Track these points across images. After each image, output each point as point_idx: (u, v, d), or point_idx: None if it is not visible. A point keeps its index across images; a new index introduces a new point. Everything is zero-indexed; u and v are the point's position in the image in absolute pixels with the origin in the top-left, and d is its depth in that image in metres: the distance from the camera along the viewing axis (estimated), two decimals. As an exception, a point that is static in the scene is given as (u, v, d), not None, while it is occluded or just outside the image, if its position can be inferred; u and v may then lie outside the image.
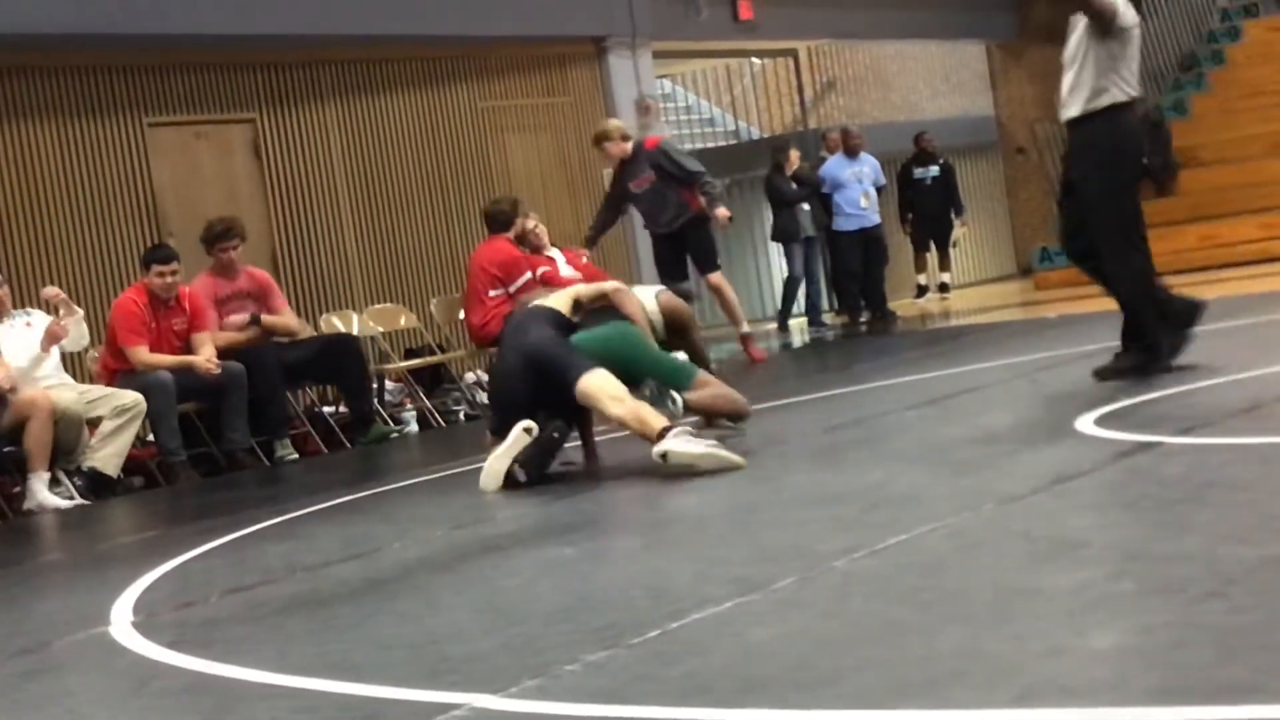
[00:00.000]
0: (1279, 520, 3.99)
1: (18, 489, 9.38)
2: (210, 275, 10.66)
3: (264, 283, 10.89)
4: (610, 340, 7.11)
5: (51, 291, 10.06)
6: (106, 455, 9.41)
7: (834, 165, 16.78)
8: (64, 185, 11.70)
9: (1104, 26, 7.24)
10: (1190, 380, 6.91)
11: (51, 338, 9.72)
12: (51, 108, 11.69)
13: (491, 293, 11.74)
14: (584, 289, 7.58)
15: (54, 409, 9.23)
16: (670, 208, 12.31)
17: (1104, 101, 7.38)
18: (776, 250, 17.83)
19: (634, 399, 6.71)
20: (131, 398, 9.58)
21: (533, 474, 6.92)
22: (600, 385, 6.69)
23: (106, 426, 9.46)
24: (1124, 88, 7.40)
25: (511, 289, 11.76)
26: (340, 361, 10.79)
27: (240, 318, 10.63)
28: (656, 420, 6.49)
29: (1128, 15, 7.44)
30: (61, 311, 9.89)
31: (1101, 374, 7.42)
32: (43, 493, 9.11)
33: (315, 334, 11.52)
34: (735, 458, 6.31)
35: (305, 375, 10.98)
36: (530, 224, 12.51)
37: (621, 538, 5.46)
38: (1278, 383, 6.46)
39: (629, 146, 12.41)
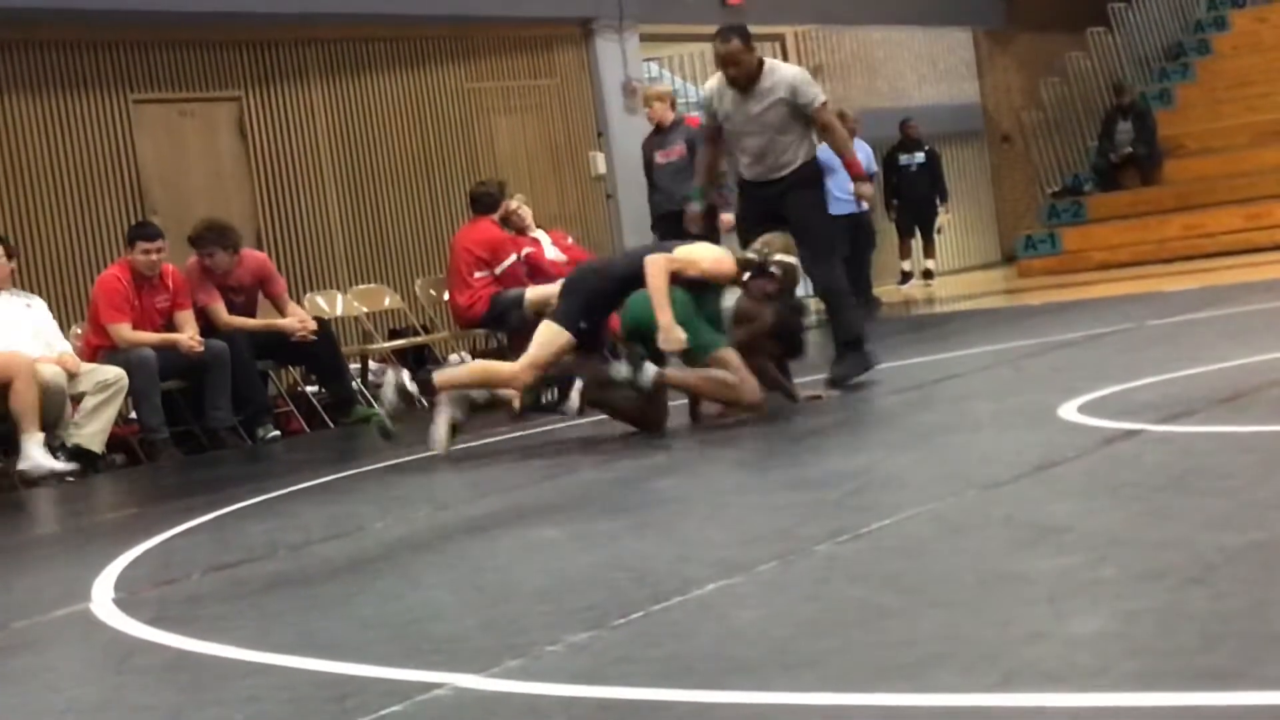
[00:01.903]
0: (1260, 507, 4.00)
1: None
2: (201, 265, 10.56)
3: (260, 270, 10.82)
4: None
5: None
6: (91, 432, 9.36)
7: (826, 150, 16.74)
8: (48, 161, 11.65)
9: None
10: (1173, 369, 6.92)
11: None
12: (36, 83, 11.64)
13: (476, 274, 11.72)
14: (709, 265, 7.52)
15: (34, 370, 9.16)
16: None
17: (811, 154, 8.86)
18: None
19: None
20: (114, 373, 9.54)
21: (526, 403, 7.44)
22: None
23: (89, 402, 9.41)
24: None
25: (497, 271, 11.75)
26: (312, 344, 10.69)
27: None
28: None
29: None
30: None
31: (835, 383, 8.17)
32: (37, 453, 9.03)
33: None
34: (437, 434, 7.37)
35: (276, 357, 10.90)
36: (514, 205, 12.50)
37: (605, 519, 5.45)
38: (1259, 372, 6.48)
39: (671, 116, 12.67)
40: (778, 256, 7.47)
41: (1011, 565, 3.74)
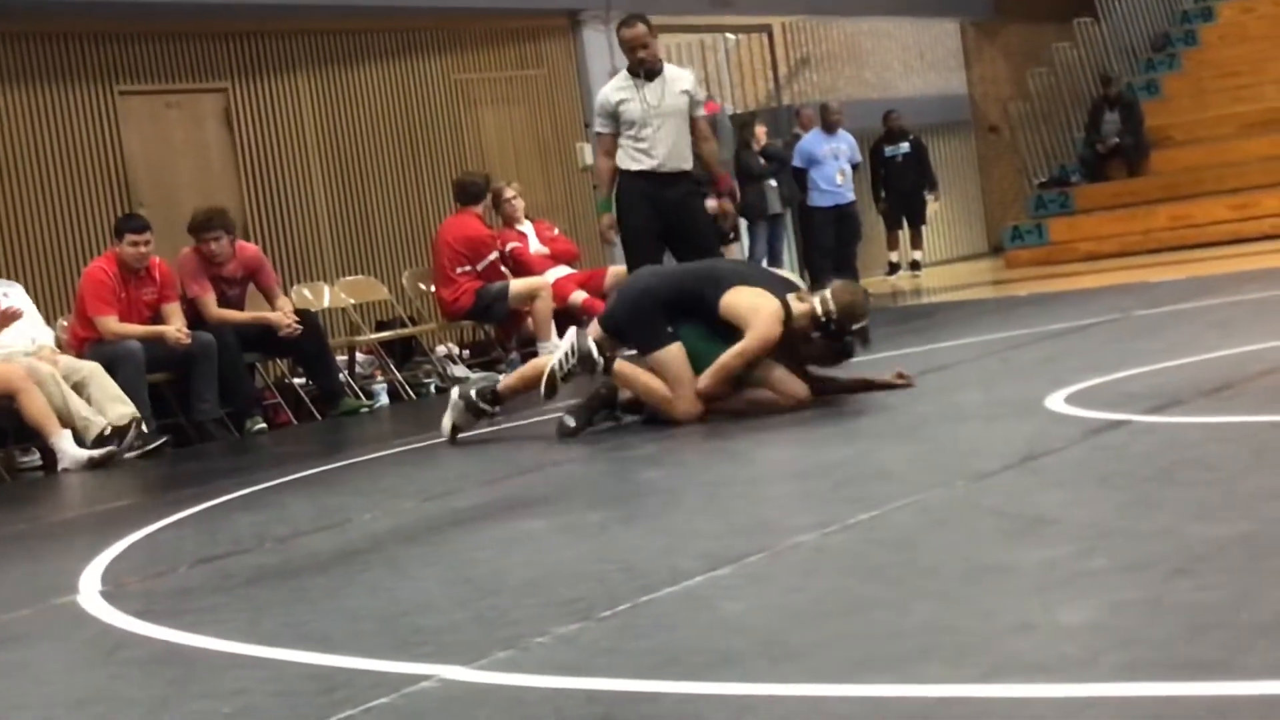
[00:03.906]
0: (1246, 498, 4.01)
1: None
2: (196, 254, 10.54)
3: (253, 261, 10.81)
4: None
5: None
6: (118, 414, 9.37)
7: (811, 141, 16.79)
8: (34, 153, 11.62)
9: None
10: (1160, 360, 6.93)
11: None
12: (22, 74, 11.61)
13: (458, 270, 11.73)
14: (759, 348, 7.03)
15: (31, 375, 9.16)
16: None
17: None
18: (744, 227, 17.82)
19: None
20: (88, 367, 9.54)
21: (581, 422, 7.20)
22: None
23: (94, 392, 9.42)
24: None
25: (479, 267, 11.75)
26: (297, 336, 10.66)
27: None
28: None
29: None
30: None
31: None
32: (71, 448, 9.07)
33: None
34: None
35: (263, 350, 10.88)
36: (509, 194, 12.51)
37: (592, 511, 5.45)
38: (1246, 362, 6.49)
39: None
40: (856, 326, 6.94)
41: (998, 556, 3.74)
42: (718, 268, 7.55)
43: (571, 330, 7.35)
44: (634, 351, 7.36)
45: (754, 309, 6.93)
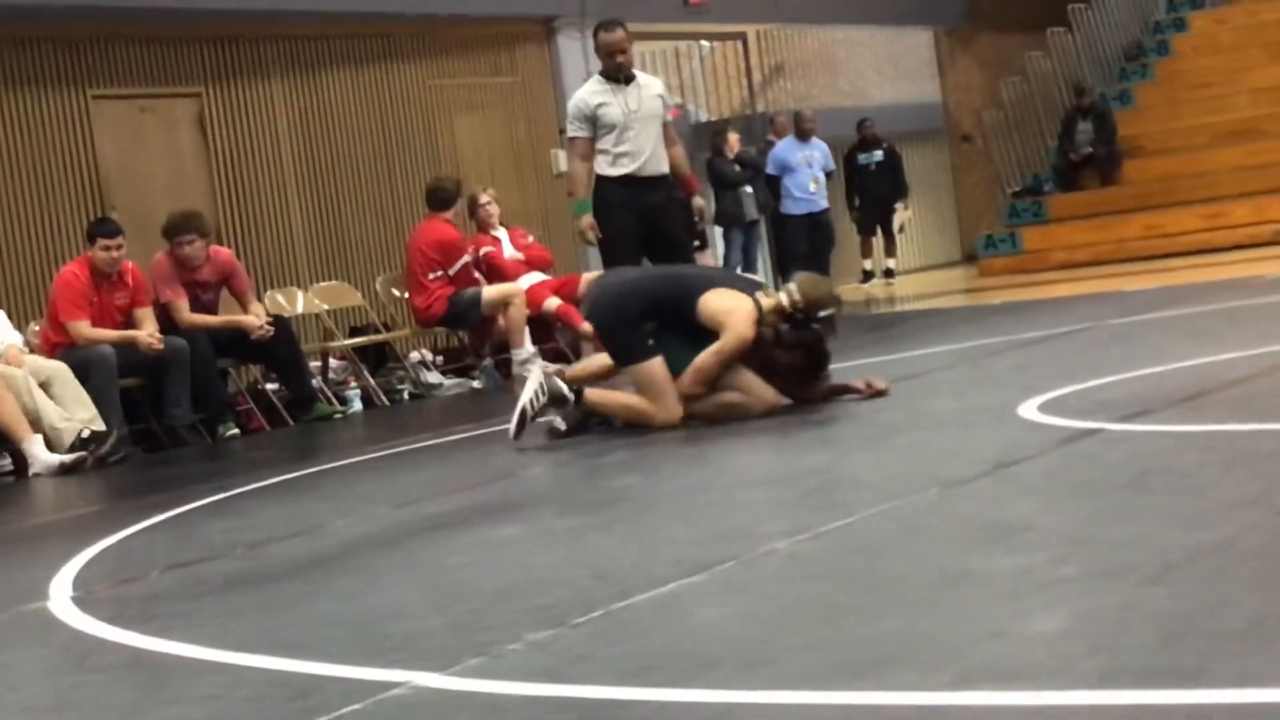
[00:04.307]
0: (1218, 507, 4.02)
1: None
2: (170, 258, 10.51)
3: (227, 266, 10.78)
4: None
5: None
6: (87, 418, 9.35)
7: (785, 149, 16.81)
8: (6, 158, 11.57)
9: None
10: (1133, 368, 6.95)
11: None
12: (-6, 79, 11.58)
13: (430, 275, 11.72)
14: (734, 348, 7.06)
15: (5, 379, 9.14)
16: None
17: None
18: (719, 234, 17.83)
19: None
20: (52, 366, 9.53)
21: (573, 425, 7.20)
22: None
23: (63, 392, 9.40)
24: None
25: (451, 271, 11.74)
26: (272, 342, 10.64)
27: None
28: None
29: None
30: None
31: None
32: (43, 454, 9.05)
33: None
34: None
35: (236, 355, 10.85)
36: (484, 199, 12.51)
37: (566, 517, 5.45)
38: (1218, 371, 6.51)
39: None
40: (822, 313, 7.00)
41: (971, 564, 3.75)
42: (687, 273, 7.60)
43: (537, 366, 7.36)
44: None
45: (729, 310, 6.98)
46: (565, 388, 7.18)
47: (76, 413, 9.35)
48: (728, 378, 7.05)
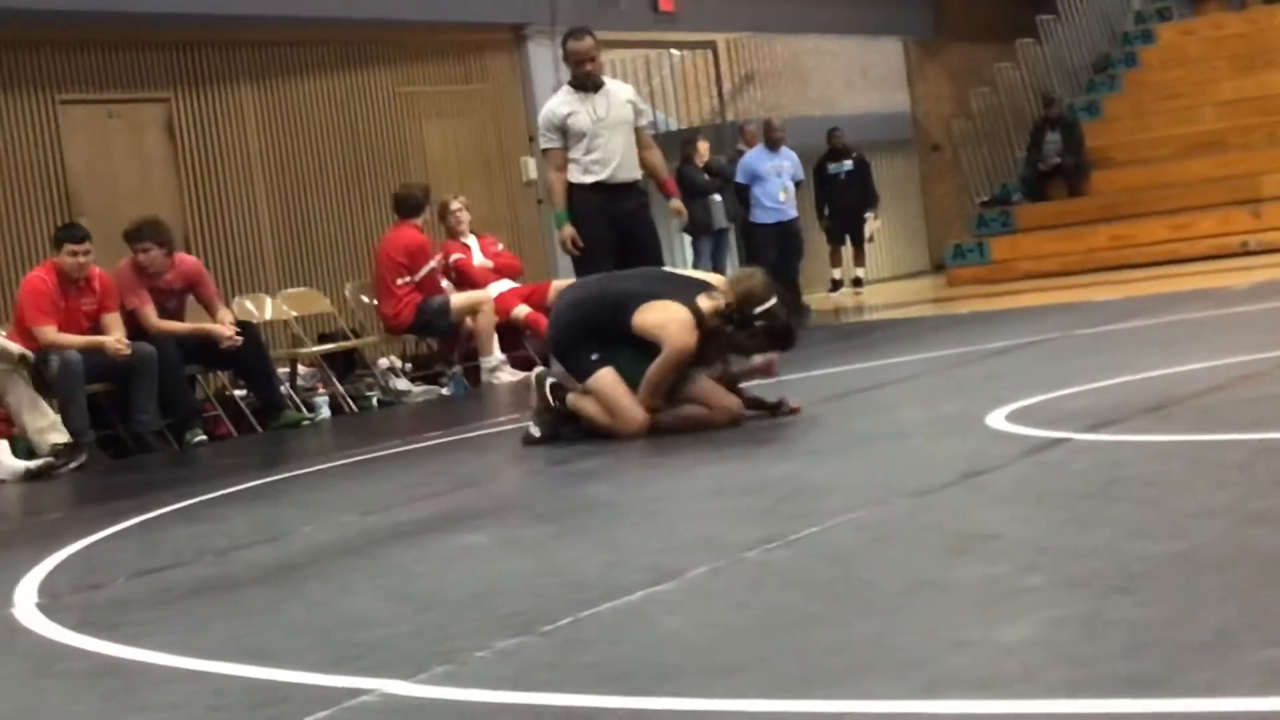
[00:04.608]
0: (1184, 517, 4.03)
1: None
2: (133, 264, 10.47)
3: (192, 273, 10.74)
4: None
5: None
6: (54, 423, 9.34)
7: (754, 158, 16.82)
8: (-27, 161, 11.53)
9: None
10: (1100, 378, 6.97)
11: None
12: (-39, 83, 11.53)
13: (399, 281, 11.72)
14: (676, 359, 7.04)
15: None
16: None
17: None
18: (688, 242, 17.84)
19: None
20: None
21: (547, 431, 7.19)
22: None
23: (22, 399, 9.37)
24: None
25: (418, 276, 11.74)
26: (239, 348, 10.58)
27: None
28: None
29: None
30: None
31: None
32: (10, 461, 9.06)
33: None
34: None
35: (204, 361, 10.81)
36: (454, 206, 12.51)
37: (533, 525, 5.45)
38: (1184, 382, 6.54)
39: None
40: (759, 309, 6.87)
41: (939, 573, 3.76)
42: (626, 290, 7.33)
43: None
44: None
45: (661, 324, 6.98)
46: (537, 431, 7.25)
47: (35, 420, 9.33)
48: (687, 389, 7.06)
